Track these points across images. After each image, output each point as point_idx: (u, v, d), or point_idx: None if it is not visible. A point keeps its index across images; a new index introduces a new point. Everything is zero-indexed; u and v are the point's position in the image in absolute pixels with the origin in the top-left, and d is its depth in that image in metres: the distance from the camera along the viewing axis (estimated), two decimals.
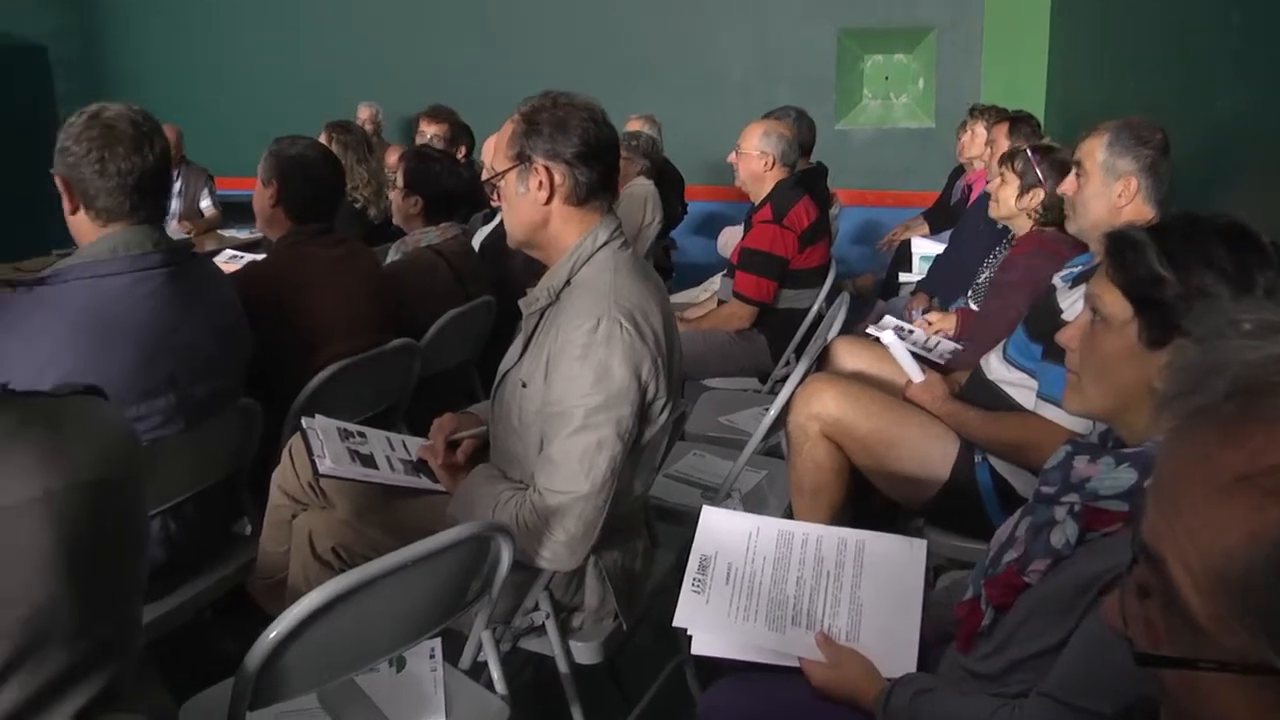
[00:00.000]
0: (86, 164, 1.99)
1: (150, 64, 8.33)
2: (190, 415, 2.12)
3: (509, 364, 2.02)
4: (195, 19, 8.27)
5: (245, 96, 7.96)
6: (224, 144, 6.20)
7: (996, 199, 3.22)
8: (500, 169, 1.94)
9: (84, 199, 2.03)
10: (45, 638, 1.07)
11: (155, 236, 2.08)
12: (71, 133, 2.01)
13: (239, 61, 8.12)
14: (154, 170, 2.05)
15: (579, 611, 2.03)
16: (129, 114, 2.04)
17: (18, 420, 1.09)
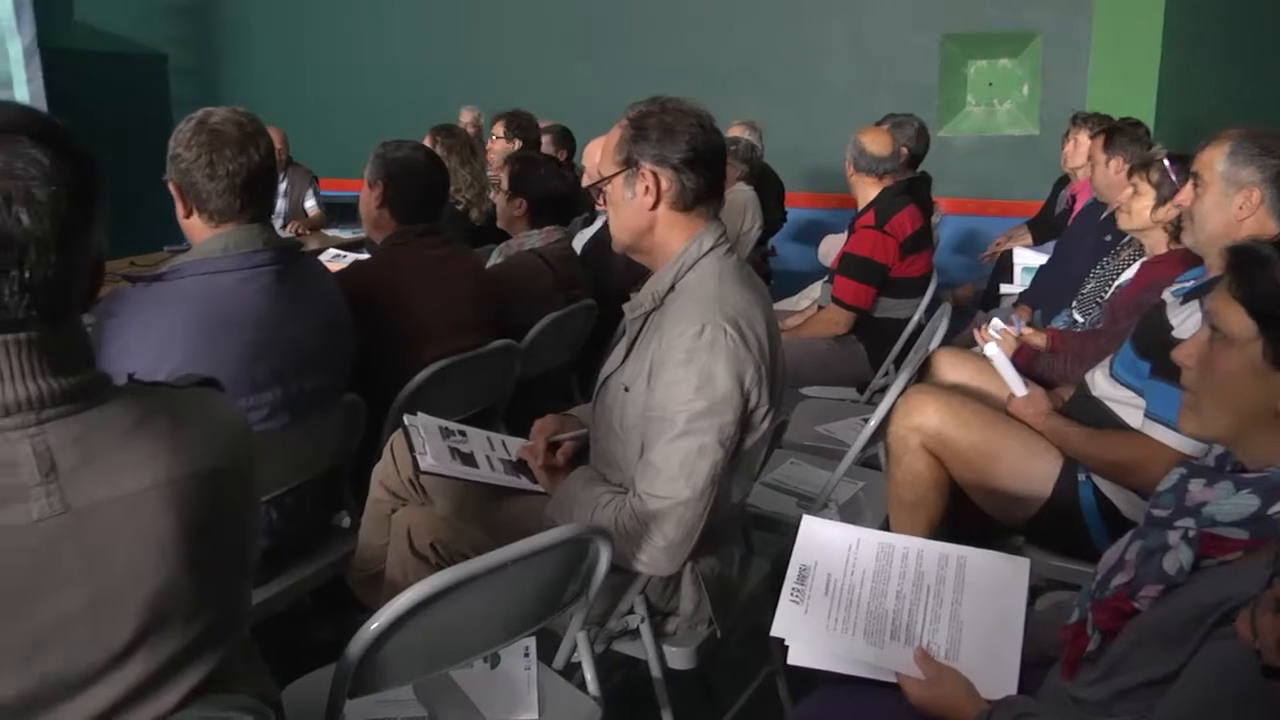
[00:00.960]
0: (197, 169, 2.06)
1: (261, 71, 8.60)
2: (295, 409, 2.17)
3: (611, 368, 2.02)
4: (305, 29, 8.52)
5: (350, 101, 8.15)
6: (329, 147, 6.36)
7: (1128, 211, 3.05)
8: (607, 174, 1.94)
9: (197, 203, 2.10)
10: (166, 617, 1.11)
11: (265, 235, 2.14)
12: (181, 139, 2.08)
13: (345, 68, 8.32)
14: (261, 169, 2.10)
15: (674, 616, 2.03)
16: (234, 117, 2.10)
17: (143, 410, 1.13)
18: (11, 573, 1.02)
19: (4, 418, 1.03)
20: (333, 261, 4.25)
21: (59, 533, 1.04)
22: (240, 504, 1.23)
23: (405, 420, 2.15)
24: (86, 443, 1.07)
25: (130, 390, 1.16)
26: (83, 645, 1.06)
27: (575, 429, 2.22)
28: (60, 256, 1.03)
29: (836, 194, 6.57)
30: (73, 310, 1.11)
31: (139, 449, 1.10)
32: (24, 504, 1.02)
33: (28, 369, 1.04)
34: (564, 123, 5.77)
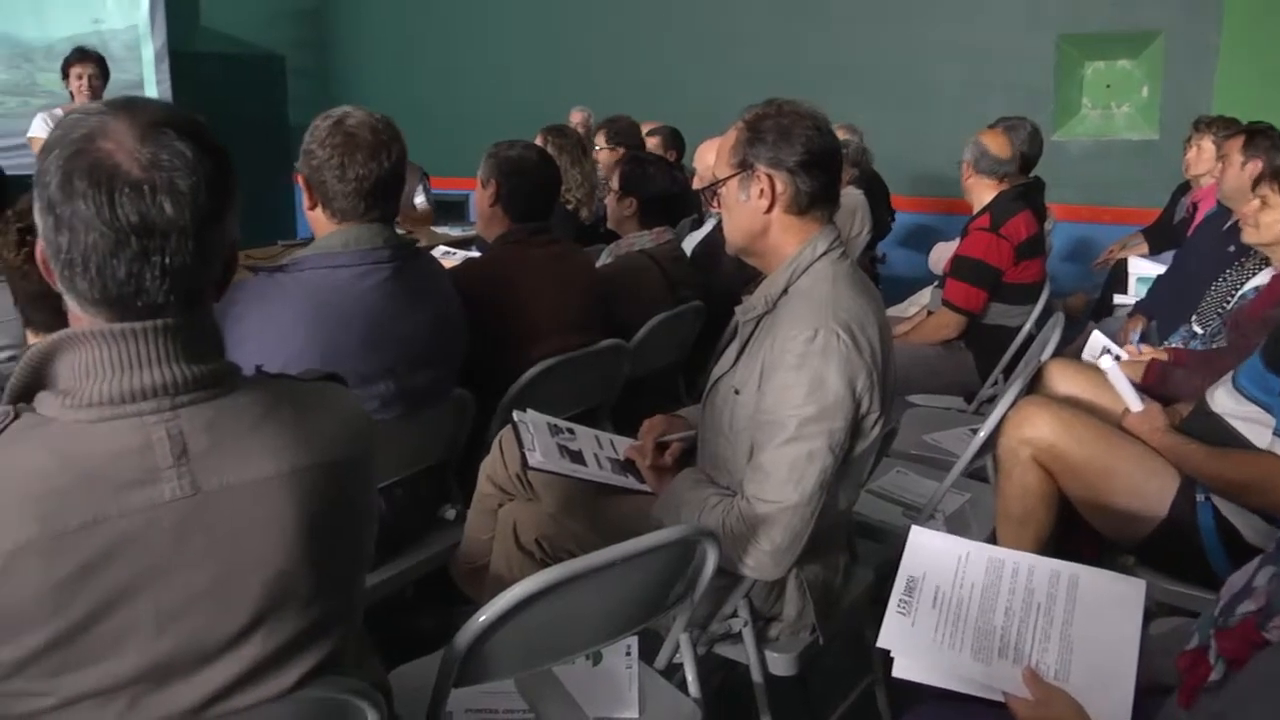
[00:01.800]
0: (328, 168, 2.11)
1: (374, 71, 8.81)
2: (407, 402, 2.21)
3: (722, 370, 2.02)
4: (417, 31, 8.69)
5: (460, 101, 8.29)
6: (439, 146, 6.47)
7: (1256, 224, 2.89)
8: (722, 176, 1.94)
9: (323, 198, 2.15)
10: (284, 602, 1.15)
11: (385, 234, 2.18)
12: (317, 137, 2.13)
13: (455, 69, 8.47)
14: (389, 175, 2.14)
15: (777, 622, 2.02)
16: (370, 121, 2.14)
17: (271, 400, 1.17)
18: (145, 550, 1.06)
19: (141, 401, 1.07)
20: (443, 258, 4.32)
21: (189, 514, 1.08)
22: (359, 497, 1.26)
23: (515, 416, 2.18)
24: (217, 429, 1.11)
25: (259, 380, 1.20)
26: (207, 622, 1.10)
27: (683, 430, 2.22)
28: (198, 244, 1.07)
29: (945, 199, 6.46)
30: (206, 297, 1.15)
31: (266, 438, 1.14)
32: (157, 485, 1.07)
33: (163, 354, 1.08)
34: (672, 123, 5.78)
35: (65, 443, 1.05)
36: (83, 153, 1.03)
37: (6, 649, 1.04)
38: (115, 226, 1.03)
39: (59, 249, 1.05)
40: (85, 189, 1.02)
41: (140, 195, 1.03)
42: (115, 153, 1.03)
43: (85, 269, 1.05)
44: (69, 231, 1.04)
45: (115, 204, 1.02)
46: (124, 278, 1.05)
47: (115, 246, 1.04)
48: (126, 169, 1.03)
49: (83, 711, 1.08)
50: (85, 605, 1.04)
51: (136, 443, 1.07)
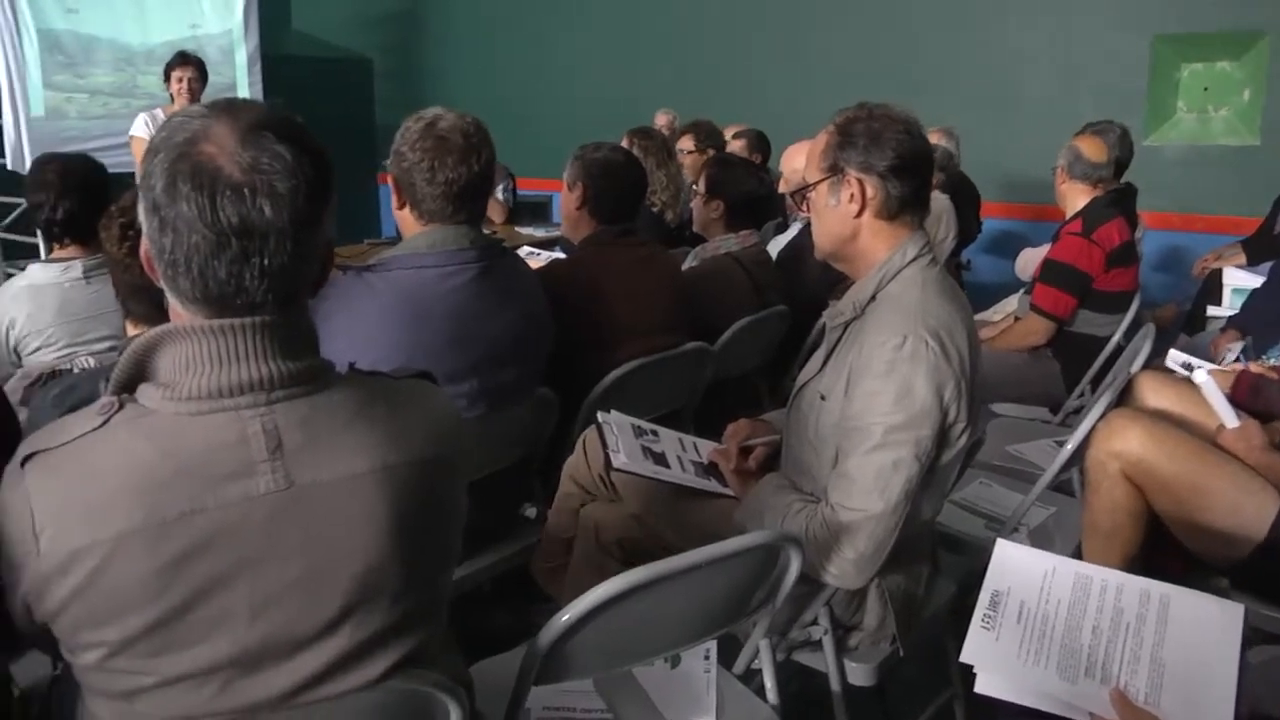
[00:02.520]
0: (418, 171, 2.14)
1: (460, 74, 8.91)
2: (491, 400, 2.23)
3: (808, 375, 2.00)
4: (502, 34, 8.77)
5: (545, 104, 8.34)
6: (523, 147, 6.53)
7: None
8: (812, 180, 1.93)
9: (411, 199, 2.18)
10: (372, 596, 1.17)
11: (472, 235, 2.21)
12: (408, 139, 2.16)
13: (540, 72, 8.53)
14: (478, 179, 2.17)
15: (857, 631, 2.00)
16: (461, 125, 2.16)
17: (364, 398, 1.19)
18: (240, 541, 1.09)
19: (238, 396, 1.10)
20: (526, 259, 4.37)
21: (282, 507, 1.11)
22: (448, 495, 1.28)
23: (599, 417, 2.19)
24: (311, 425, 1.14)
25: (352, 378, 1.23)
26: (297, 613, 1.13)
27: (768, 434, 2.21)
28: (295, 245, 1.10)
29: (1032, 204, 6.33)
30: (303, 296, 1.18)
31: (359, 434, 1.16)
32: (252, 478, 1.10)
33: (260, 351, 1.11)
34: (757, 126, 5.75)
35: (166, 434, 1.09)
36: (186, 156, 1.06)
37: (112, 629, 1.08)
38: (216, 229, 1.06)
39: (163, 249, 1.09)
40: (189, 192, 1.05)
41: (241, 198, 1.06)
42: (217, 156, 1.06)
43: (188, 269, 1.08)
44: (173, 233, 1.07)
45: (217, 207, 1.05)
46: (224, 278, 1.08)
47: (216, 248, 1.07)
48: (228, 172, 1.06)
49: (179, 692, 1.12)
50: (183, 591, 1.08)
51: (233, 436, 1.10)
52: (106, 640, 1.09)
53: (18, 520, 1.08)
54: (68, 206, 2.85)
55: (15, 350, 2.88)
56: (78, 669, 1.16)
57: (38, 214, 2.90)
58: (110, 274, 1.94)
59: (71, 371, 2.55)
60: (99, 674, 1.13)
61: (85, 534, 1.05)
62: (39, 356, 2.86)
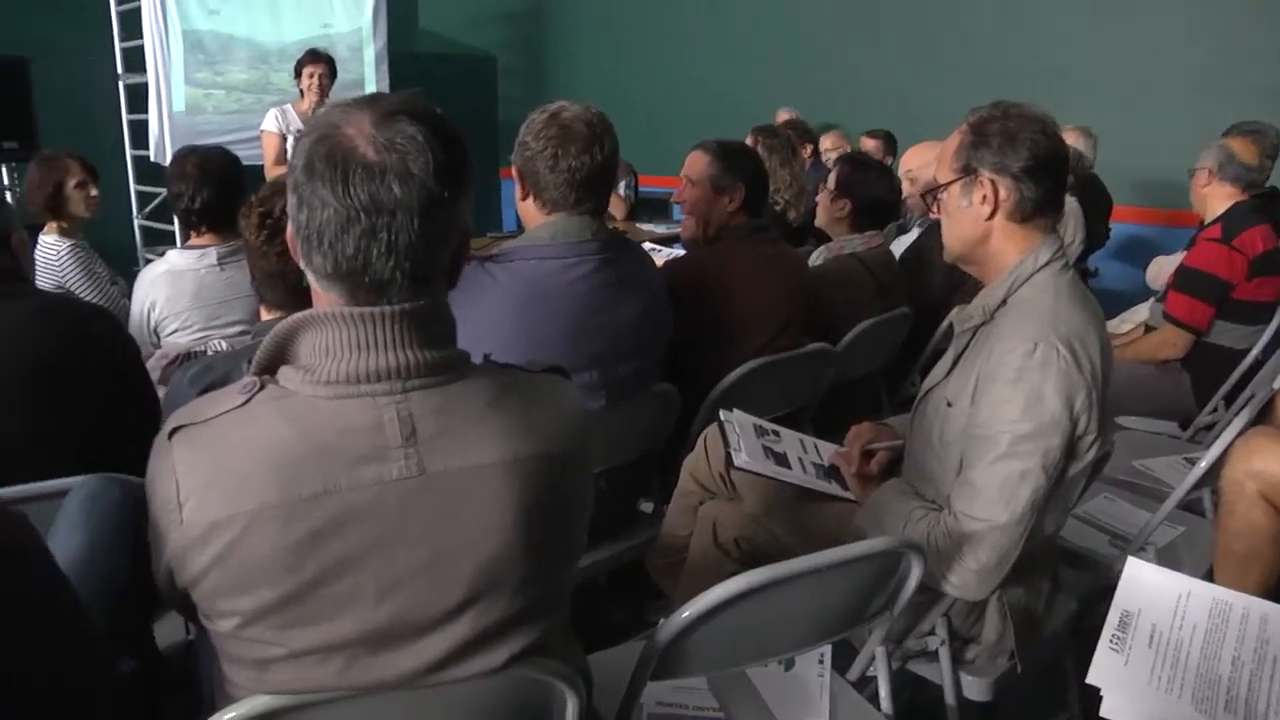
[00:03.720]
0: (541, 159, 2.16)
1: (582, 71, 9.02)
2: (611, 392, 2.24)
3: (934, 380, 1.96)
4: (625, 33, 8.83)
5: (666, 101, 8.37)
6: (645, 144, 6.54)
7: None
8: (944, 180, 1.89)
9: (534, 189, 2.20)
10: (496, 584, 1.18)
11: (594, 227, 2.22)
12: (532, 129, 2.18)
13: (662, 69, 8.56)
14: (601, 168, 2.18)
15: (974, 644, 1.95)
16: (585, 115, 2.18)
17: (497, 389, 1.21)
18: (370, 523, 1.12)
19: (375, 383, 1.13)
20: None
21: (413, 493, 1.13)
22: (575, 489, 1.29)
23: (721, 415, 2.17)
24: (445, 414, 1.15)
25: (487, 369, 1.24)
26: (423, 596, 1.15)
27: (890, 438, 2.17)
28: (423, 224, 1.12)
29: (1166, 209, 6.08)
30: (436, 281, 1.19)
31: (491, 425, 1.18)
32: (385, 463, 1.12)
33: (398, 339, 1.14)
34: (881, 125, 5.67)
35: (304, 416, 1.12)
36: (326, 138, 1.11)
37: (246, 599, 1.12)
38: (346, 204, 1.09)
39: (300, 225, 1.13)
40: (324, 169, 1.10)
41: (371, 175, 1.09)
42: (355, 138, 1.10)
43: (319, 243, 1.12)
44: (308, 209, 1.12)
45: (349, 183, 1.09)
46: (352, 253, 1.11)
47: (346, 222, 1.10)
48: (362, 151, 1.10)
49: (306, 666, 1.15)
50: (314, 568, 1.11)
51: (368, 421, 1.12)
52: (241, 610, 1.13)
53: (163, 490, 1.13)
54: (205, 197, 2.96)
55: (155, 331, 3.01)
56: (214, 635, 1.20)
57: (177, 203, 3.02)
58: (247, 261, 2.00)
59: (205, 353, 2.66)
60: (234, 641, 1.17)
61: (225, 506, 1.09)
62: (175, 338, 2.98)
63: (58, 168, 3.59)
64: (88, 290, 3.54)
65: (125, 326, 2.52)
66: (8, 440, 1.98)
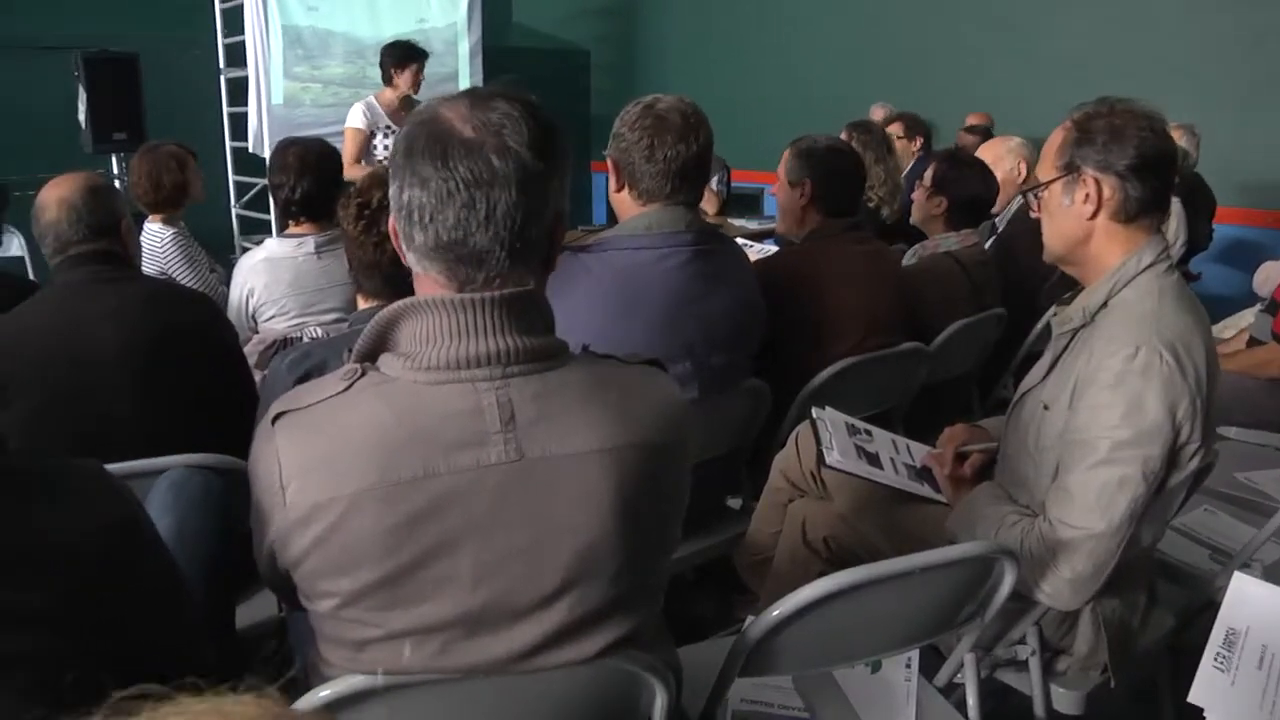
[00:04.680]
0: (636, 150, 2.17)
1: (674, 66, 9.03)
2: (704, 384, 2.23)
3: (1031, 383, 1.92)
4: (717, 27, 8.82)
5: (758, 96, 8.33)
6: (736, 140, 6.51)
7: None
8: (1045, 178, 1.84)
9: (629, 179, 2.21)
10: (591, 572, 1.18)
11: (689, 218, 2.22)
12: (627, 120, 2.20)
13: (754, 64, 8.53)
14: (695, 159, 2.18)
15: (1066, 655, 1.91)
16: (679, 106, 2.20)
17: (596, 379, 1.21)
18: (468, 507, 1.13)
19: (474, 368, 1.14)
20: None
21: (511, 478, 1.14)
22: (671, 482, 1.28)
23: (813, 413, 2.15)
24: (543, 401, 1.16)
25: (585, 359, 1.25)
26: (519, 582, 1.16)
27: (984, 441, 2.13)
28: (520, 195, 1.14)
29: (1275, 210, 5.87)
30: (534, 262, 1.21)
31: (588, 414, 1.18)
32: (484, 448, 1.13)
33: (497, 326, 1.15)
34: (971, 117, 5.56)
35: (404, 401, 1.14)
36: (426, 123, 1.16)
37: (346, 580, 1.14)
38: (446, 177, 1.13)
39: (400, 206, 1.17)
40: (424, 148, 1.14)
41: (470, 150, 1.13)
42: (453, 120, 1.15)
43: (420, 219, 1.15)
44: (408, 189, 1.15)
45: (448, 158, 1.13)
46: (452, 223, 1.14)
47: (446, 196, 1.13)
48: (460, 130, 1.14)
49: (402, 648, 1.17)
50: (412, 550, 1.13)
51: (468, 406, 1.14)
52: (340, 590, 1.15)
53: (267, 473, 1.16)
54: (304, 187, 3.02)
55: (252, 317, 3.09)
56: (313, 615, 1.23)
57: (277, 193, 3.10)
58: (345, 250, 2.04)
59: (301, 340, 2.72)
60: (332, 622, 1.19)
61: (326, 489, 1.12)
62: (272, 324, 3.06)
63: (161, 157, 3.70)
64: (188, 277, 3.65)
65: (224, 312, 2.59)
66: (115, 419, 2.05)
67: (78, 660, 1.08)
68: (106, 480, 1.19)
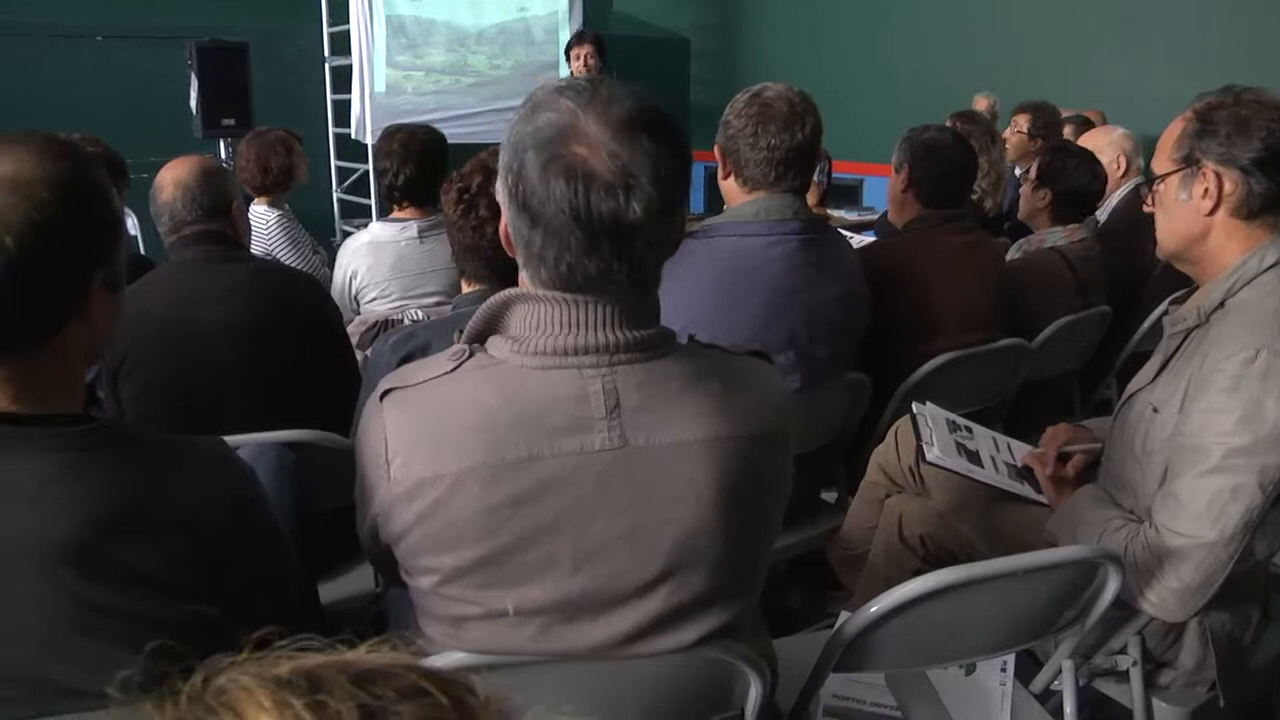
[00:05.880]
0: (742, 137, 2.17)
1: (776, 55, 8.92)
2: (806, 374, 2.22)
3: (1140, 384, 1.85)
4: (820, 15, 8.70)
5: (861, 86, 8.18)
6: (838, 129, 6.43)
7: None
8: (1162, 171, 1.77)
9: (735, 167, 2.21)
10: (691, 561, 1.18)
11: (796, 206, 2.21)
12: (735, 108, 2.20)
13: (857, 54, 8.39)
14: (802, 147, 2.18)
15: (1170, 669, 1.84)
16: (787, 94, 2.19)
17: (700, 369, 1.21)
18: (571, 492, 1.14)
19: (582, 355, 1.14)
20: None
21: (614, 465, 1.14)
22: (774, 473, 1.28)
23: (914, 407, 2.12)
24: (648, 389, 1.16)
25: (691, 349, 1.25)
26: (619, 568, 1.17)
27: (1088, 442, 2.07)
28: (660, 235, 1.12)
29: None
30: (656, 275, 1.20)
31: (692, 403, 1.18)
32: (589, 434, 1.14)
33: (609, 322, 1.15)
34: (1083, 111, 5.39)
35: (511, 384, 1.15)
36: (559, 159, 1.08)
37: (447, 557, 1.16)
38: (589, 230, 1.08)
39: (530, 242, 1.13)
40: (561, 195, 1.07)
41: (614, 200, 1.07)
42: (589, 159, 1.08)
43: (556, 265, 1.12)
44: (544, 232, 1.10)
45: (592, 208, 1.07)
46: (594, 274, 1.12)
47: (589, 248, 1.10)
48: (600, 174, 1.07)
49: (501, 627, 1.18)
50: (514, 531, 1.14)
51: (574, 392, 1.14)
52: (441, 567, 1.17)
53: (374, 448, 1.18)
54: (408, 172, 3.08)
55: (355, 299, 3.16)
56: (414, 591, 1.25)
57: (382, 178, 3.15)
58: (447, 234, 2.06)
59: (402, 322, 2.77)
60: (433, 598, 1.21)
61: (431, 466, 1.13)
62: (374, 306, 3.12)
63: (269, 142, 3.80)
64: (292, 258, 3.74)
65: (329, 293, 2.65)
66: (222, 395, 2.12)
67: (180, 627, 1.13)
68: (231, 457, 1.24)
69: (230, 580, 1.15)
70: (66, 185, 1.07)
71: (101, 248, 1.12)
